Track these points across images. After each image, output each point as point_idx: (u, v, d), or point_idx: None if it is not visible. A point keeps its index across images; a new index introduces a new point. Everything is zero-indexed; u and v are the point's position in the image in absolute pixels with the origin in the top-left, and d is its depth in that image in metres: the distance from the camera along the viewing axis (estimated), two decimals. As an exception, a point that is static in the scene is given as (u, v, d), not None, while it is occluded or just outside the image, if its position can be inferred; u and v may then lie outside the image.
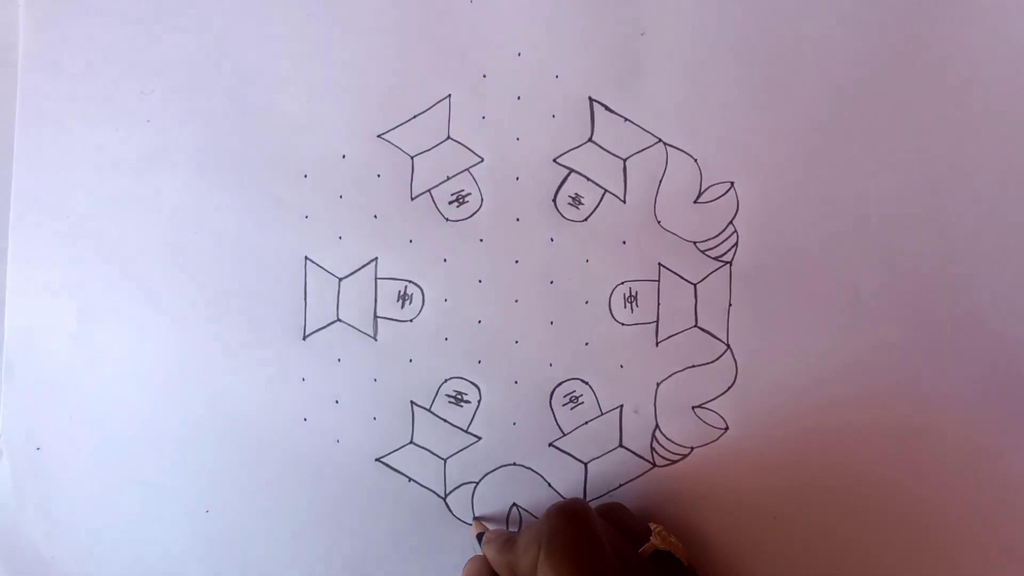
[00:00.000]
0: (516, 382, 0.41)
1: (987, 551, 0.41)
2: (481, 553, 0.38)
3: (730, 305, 0.41)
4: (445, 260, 0.41)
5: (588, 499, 0.41)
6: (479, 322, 0.41)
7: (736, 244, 0.41)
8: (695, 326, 0.41)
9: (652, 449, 0.41)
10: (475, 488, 0.41)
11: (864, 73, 0.40)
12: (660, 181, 0.41)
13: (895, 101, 0.40)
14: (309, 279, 0.41)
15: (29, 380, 0.41)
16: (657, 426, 0.41)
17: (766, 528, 0.41)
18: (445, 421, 0.41)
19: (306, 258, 0.41)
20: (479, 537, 0.40)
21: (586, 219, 0.41)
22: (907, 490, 0.41)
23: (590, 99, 0.41)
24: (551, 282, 0.41)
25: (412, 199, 0.41)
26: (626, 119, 0.41)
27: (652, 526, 0.37)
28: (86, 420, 0.41)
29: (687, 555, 0.36)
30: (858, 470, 0.41)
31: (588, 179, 0.41)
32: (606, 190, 0.41)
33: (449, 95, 0.41)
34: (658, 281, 0.41)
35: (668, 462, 0.41)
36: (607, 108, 0.41)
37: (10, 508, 0.42)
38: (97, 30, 0.41)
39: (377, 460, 0.41)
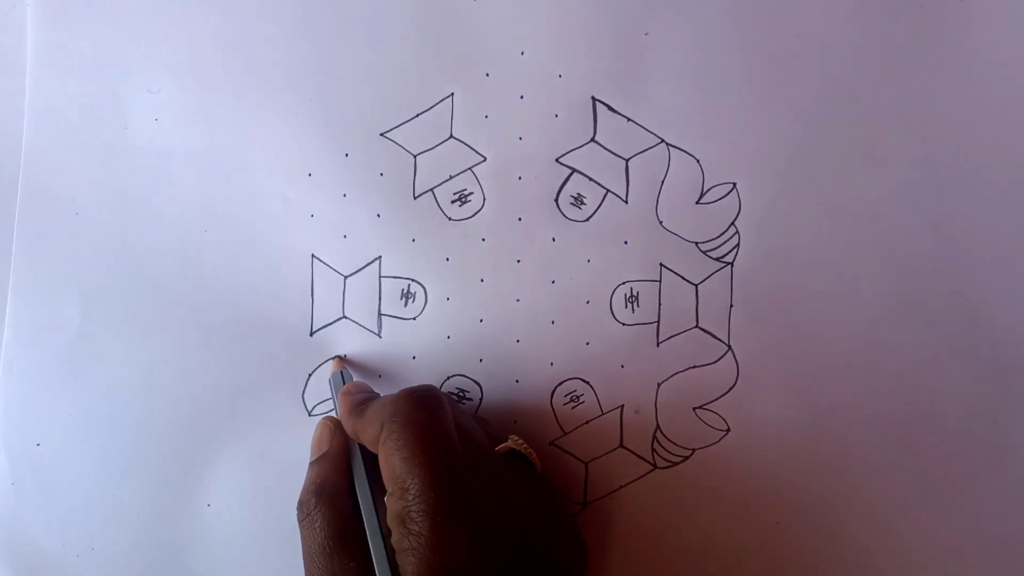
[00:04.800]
0: (517, 381, 0.41)
1: (989, 552, 0.40)
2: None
3: (731, 306, 0.41)
4: (447, 259, 0.41)
5: (589, 499, 0.41)
6: (481, 321, 0.41)
7: (738, 245, 0.41)
8: (696, 327, 0.41)
9: (653, 450, 0.41)
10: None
11: (867, 74, 0.40)
12: (662, 181, 0.41)
13: (897, 102, 0.40)
14: (316, 277, 0.42)
15: (29, 376, 0.42)
16: (658, 427, 0.41)
17: (768, 531, 0.41)
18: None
19: (313, 256, 0.42)
20: (332, 380, 0.40)
21: (588, 219, 0.41)
22: (909, 492, 0.40)
23: (593, 99, 0.41)
24: (552, 282, 0.41)
25: (415, 198, 0.41)
26: (629, 119, 0.41)
27: (511, 436, 0.37)
28: (86, 416, 0.42)
29: (542, 466, 0.37)
30: (859, 472, 0.40)
31: (590, 179, 0.41)
32: (608, 190, 0.41)
33: (452, 94, 0.41)
34: (659, 281, 0.41)
35: (669, 463, 0.41)
36: (610, 108, 0.41)
37: (10, 504, 0.42)
38: (105, 29, 0.41)
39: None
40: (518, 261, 0.41)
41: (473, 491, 0.31)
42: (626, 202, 0.41)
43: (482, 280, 0.41)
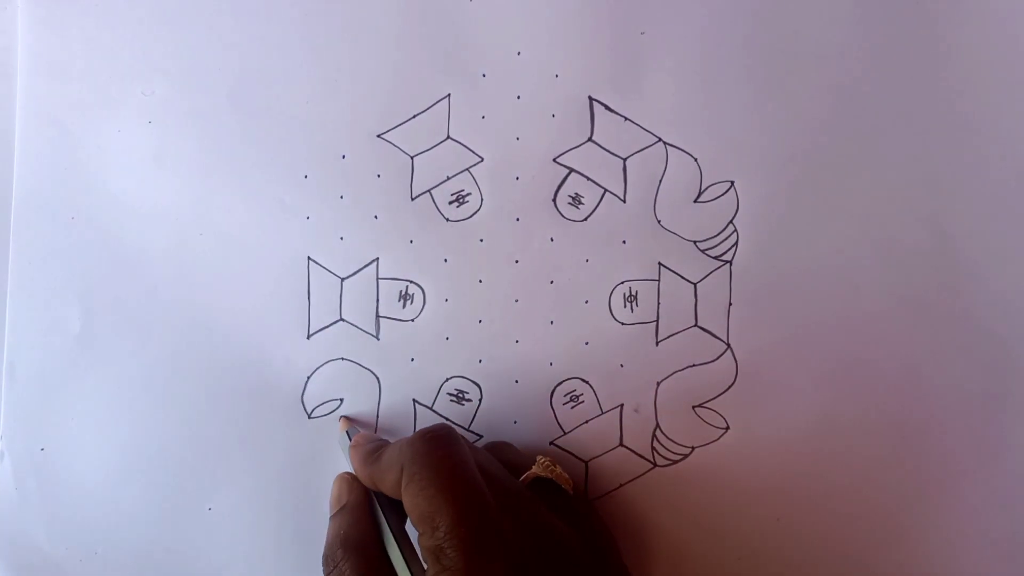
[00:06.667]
0: (517, 381, 0.41)
1: (988, 551, 0.40)
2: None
3: (730, 304, 0.41)
4: (446, 260, 0.41)
5: (589, 498, 0.41)
6: (480, 322, 0.41)
7: (736, 243, 0.41)
8: (695, 325, 0.41)
9: (653, 448, 0.41)
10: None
11: (865, 72, 0.40)
12: (660, 180, 0.41)
13: (895, 100, 0.40)
14: (312, 279, 0.41)
15: (31, 380, 0.41)
16: (658, 425, 0.41)
17: (769, 528, 0.41)
18: (447, 420, 0.41)
19: (309, 258, 0.41)
20: (340, 441, 0.40)
21: (586, 219, 0.41)
22: (908, 490, 0.41)
23: (590, 98, 0.41)
24: (551, 282, 0.41)
25: (412, 199, 0.41)
26: (626, 118, 0.41)
27: (539, 457, 0.37)
28: (89, 420, 0.41)
29: (572, 485, 0.37)
30: (859, 470, 0.41)
31: (588, 178, 0.41)
32: (606, 189, 0.41)
33: (448, 95, 0.41)
34: (658, 280, 0.41)
35: (669, 462, 0.41)
36: (607, 107, 0.41)
37: (14, 509, 0.42)
38: (97, 31, 0.41)
39: (379, 459, 0.42)
40: (516, 261, 0.41)
41: (503, 523, 0.31)
42: (624, 201, 0.41)
43: (480, 281, 0.41)
